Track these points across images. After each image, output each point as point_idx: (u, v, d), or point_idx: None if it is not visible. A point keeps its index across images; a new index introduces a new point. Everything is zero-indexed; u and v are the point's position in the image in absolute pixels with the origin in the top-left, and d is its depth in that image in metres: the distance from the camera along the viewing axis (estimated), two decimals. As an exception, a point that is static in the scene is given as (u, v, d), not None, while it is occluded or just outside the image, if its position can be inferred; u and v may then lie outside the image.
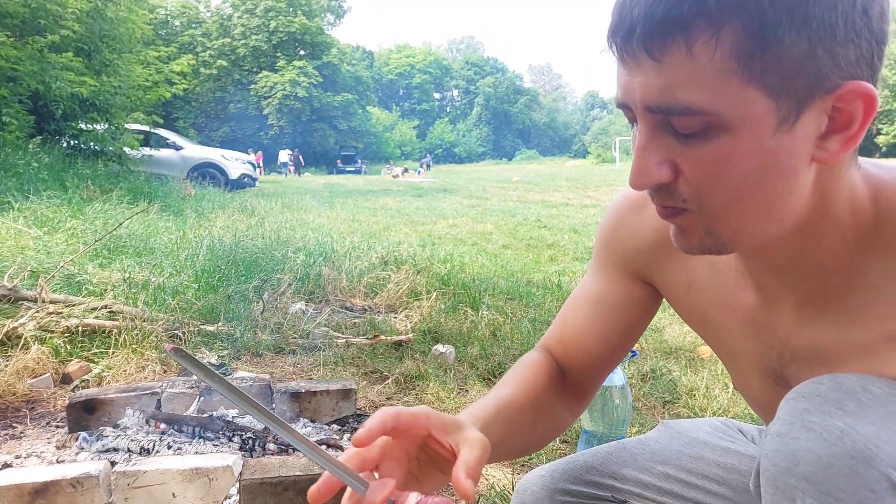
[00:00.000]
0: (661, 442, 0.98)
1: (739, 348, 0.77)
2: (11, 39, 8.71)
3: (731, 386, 2.33)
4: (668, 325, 3.27)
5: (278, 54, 43.75)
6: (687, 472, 0.91)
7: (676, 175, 0.58)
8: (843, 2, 0.51)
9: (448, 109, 72.90)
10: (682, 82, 0.53)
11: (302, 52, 44.72)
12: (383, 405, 2.27)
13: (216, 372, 0.56)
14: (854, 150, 0.59)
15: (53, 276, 3.02)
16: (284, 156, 32.45)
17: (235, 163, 14.98)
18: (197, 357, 0.59)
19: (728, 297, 0.74)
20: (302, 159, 35.97)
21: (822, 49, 0.51)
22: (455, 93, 74.23)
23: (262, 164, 31.14)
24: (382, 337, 2.91)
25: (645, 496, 0.92)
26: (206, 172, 14.11)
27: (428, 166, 37.58)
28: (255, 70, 43.78)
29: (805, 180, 0.58)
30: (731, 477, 0.88)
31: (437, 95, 73.04)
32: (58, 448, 1.90)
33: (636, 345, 2.84)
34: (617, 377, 1.57)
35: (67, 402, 1.99)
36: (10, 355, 2.38)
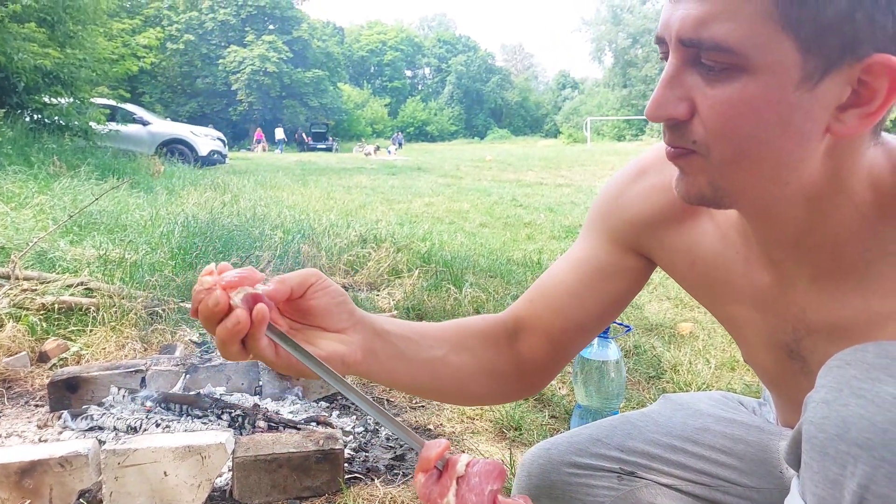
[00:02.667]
0: (664, 414, 0.98)
1: (750, 322, 0.77)
2: (-32, 8, 8.32)
3: (713, 362, 2.38)
4: (648, 302, 3.32)
5: (247, 29, 42.73)
6: (693, 443, 0.92)
7: (692, 114, 0.59)
8: None
9: (420, 87, 72.15)
10: (719, 16, 0.53)
11: (271, 27, 43.76)
12: (373, 382, 2.26)
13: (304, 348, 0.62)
14: (876, 128, 0.59)
15: (26, 253, 2.93)
16: (280, 133, 34.73)
17: (205, 139, 14.64)
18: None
19: (738, 272, 0.74)
20: (307, 137, 37.42)
21: (861, 12, 0.51)
22: (427, 71, 73.49)
23: (264, 140, 32.09)
24: (366, 314, 2.90)
25: (652, 467, 0.92)
26: (175, 149, 13.78)
27: (400, 144, 37.31)
28: (223, 44, 42.70)
29: (816, 149, 0.58)
30: (738, 447, 0.89)
31: (408, 73, 72.19)
32: (39, 427, 1.86)
33: (628, 321, 2.88)
34: (612, 352, 1.59)
35: (49, 380, 1.94)
36: (-16, 333, 2.31)
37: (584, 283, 0.84)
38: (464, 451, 1.72)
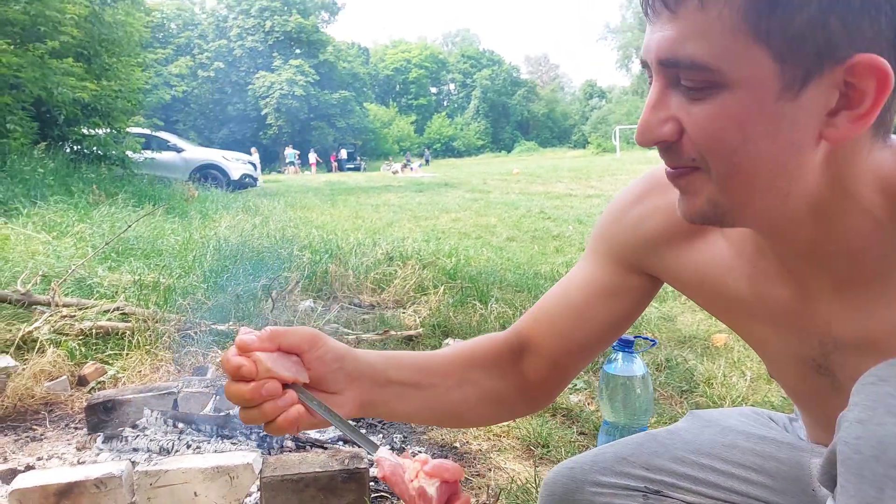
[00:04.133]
0: (692, 431, 0.96)
1: (772, 338, 0.75)
2: (13, 47, 8.70)
3: (748, 374, 2.33)
4: (681, 314, 3.26)
5: (275, 54, 43.75)
6: (722, 460, 0.90)
7: (681, 134, 0.59)
8: None
9: (445, 103, 72.59)
10: (691, 35, 0.54)
11: (298, 51, 44.72)
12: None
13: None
14: (882, 130, 0.58)
15: (65, 280, 3.03)
16: (343, 153, 39.29)
17: (236, 163, 14.99)
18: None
19: (755, 287, 0.73)
20: (345, 154, 40.31)
21: (834, 17, 0.50)
22: (452, 86, 73.90)
23: (316, 162, 34.78)
24: (392, 332, 2.91)
25: (679, 486, 0.90)
26: (208, 174, 14.13)
27: (427, 161, 37.71)
28: (252, 70, 43.78)
29: (812, 157, 0.57)
30: (769, 465, 0.87)
31: (433, 90, 72.70)
32: (78, 449, 1.91)
33: (659, 333, 2.83)
34: (637, 367, 1.57)
35: (86, 403, 2.00)
36: (26, 359, 2.39)
37: (588, 304, 0.84)
38: (490, 470, 1.71)
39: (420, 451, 1.86)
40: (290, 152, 34.38)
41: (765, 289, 0.72)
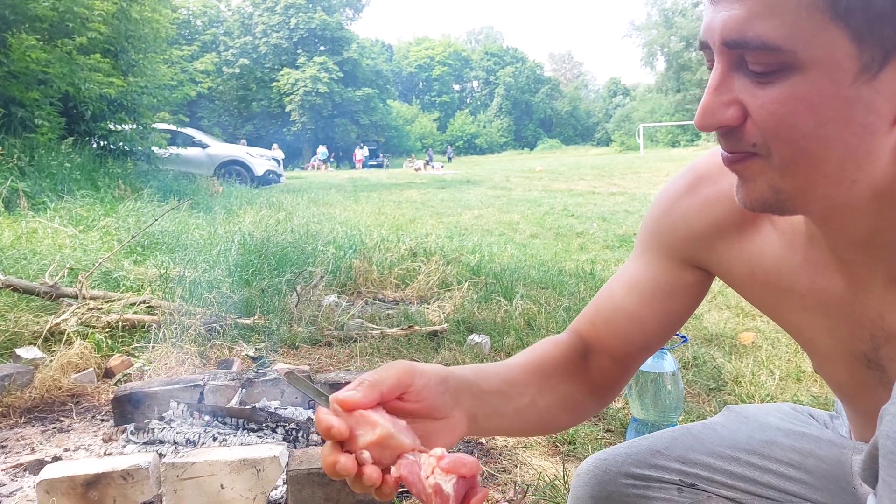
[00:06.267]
0: (728, 427, 0.94)
1: (822, 332, 0.73)
2: (41, 43, 8.86)
3: (777, 373, 2.27)
4: (707, 312, 3.20)
5: (299, 51, 44.01)
6: (759, 456, 0.87)
7: (744, 118, 0.56)
8: None
9: (468, 101, 72.40)
10: (762, 13, 0.51)
11: (322, 48, 44.94)
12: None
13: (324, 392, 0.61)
14: None
15: (92, 273, 3.06)
16: (365, 151, 39.03)
17: (260, 159, 15.12)
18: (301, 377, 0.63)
19: (805, 278, 0.70)
20: (367, 150, 39.95)
21: None
22: (475, 84, 73.66)
23: (363, 158, 35.14)
24: (417, 328, 2.90)
25: (714, 480, 0.88)
26: (233, 170, 14.29)
27: (449, 158, 37.73)
28: (276, 67, 44.10)
29: (885, 144, 0.54)
30: (808, 462, 0.84)
31: (456, 87, 72.51)
32: (104, 441, 1.93)
33: (686, 331, 2.78)
34: (668, 363, 1.53)
35: (112, 395, 2.02)
36: (53, 351, 2.42)
37: (644, 304, 0.82)
38: (516, 466, 1.68)
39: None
40: (322, 151, 35.27)
41: (816, 279, 0.70)
